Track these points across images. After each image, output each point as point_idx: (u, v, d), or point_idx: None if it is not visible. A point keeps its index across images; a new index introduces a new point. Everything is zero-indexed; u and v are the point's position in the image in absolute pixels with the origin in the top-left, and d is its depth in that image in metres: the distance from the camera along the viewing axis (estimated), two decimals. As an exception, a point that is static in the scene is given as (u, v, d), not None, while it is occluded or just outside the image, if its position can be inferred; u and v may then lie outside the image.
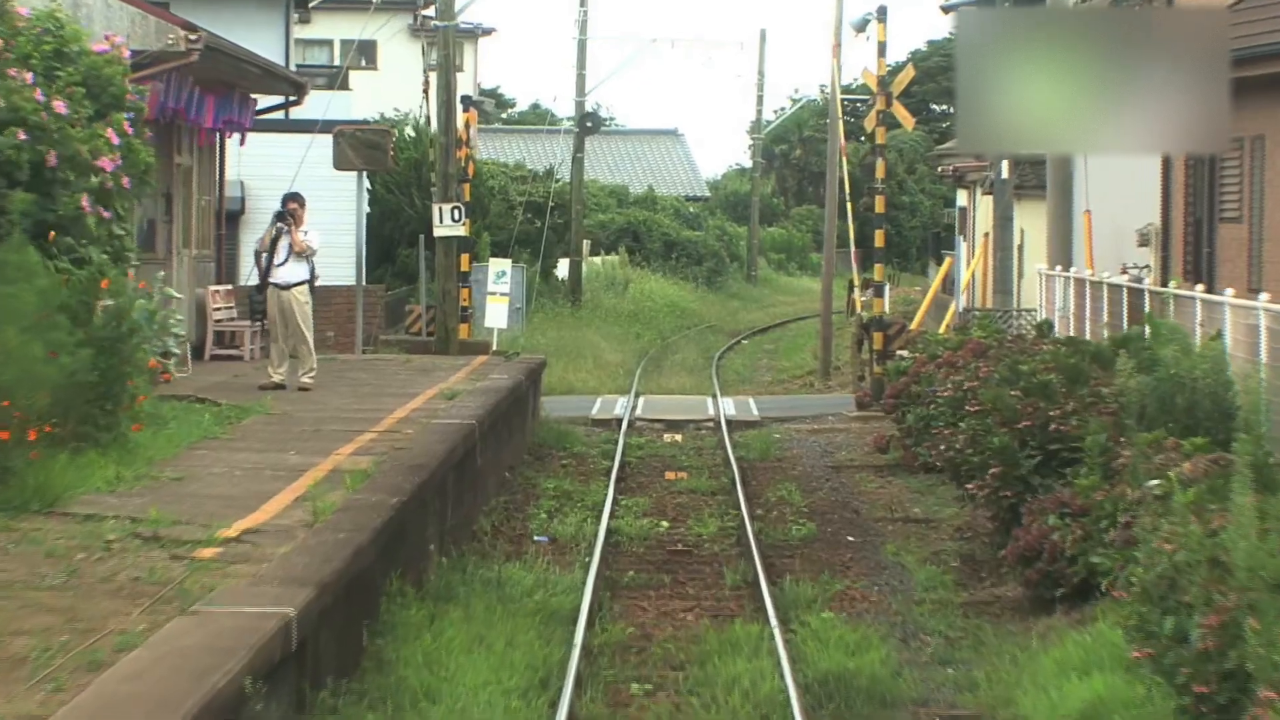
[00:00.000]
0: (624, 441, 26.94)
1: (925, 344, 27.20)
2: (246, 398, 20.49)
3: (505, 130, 77.97)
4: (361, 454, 16.10)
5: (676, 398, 34.06)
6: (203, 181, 26.70)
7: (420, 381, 23.45)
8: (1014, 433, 17.90)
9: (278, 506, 13.10)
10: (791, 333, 54.68)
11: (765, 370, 42.34)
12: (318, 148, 29.43)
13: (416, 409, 20.05)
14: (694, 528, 20.16)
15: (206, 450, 16.03)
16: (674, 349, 45.84)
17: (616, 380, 36.20)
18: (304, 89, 27.21)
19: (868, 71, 30.74)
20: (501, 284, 34.12)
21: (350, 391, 22.06)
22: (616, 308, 51.01)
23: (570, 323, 44.13)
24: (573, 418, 29.97)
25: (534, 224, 48.23)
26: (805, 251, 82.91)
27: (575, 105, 49.21)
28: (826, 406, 32.18)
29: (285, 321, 21.86)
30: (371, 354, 28.49)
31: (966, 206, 40.14)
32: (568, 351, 38.36)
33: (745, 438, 28.07)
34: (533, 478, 23.19)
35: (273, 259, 21.92)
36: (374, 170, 28.31)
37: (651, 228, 64.73)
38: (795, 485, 23.26)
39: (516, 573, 16.54)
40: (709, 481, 23.58)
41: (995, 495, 17.82)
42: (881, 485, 23.79)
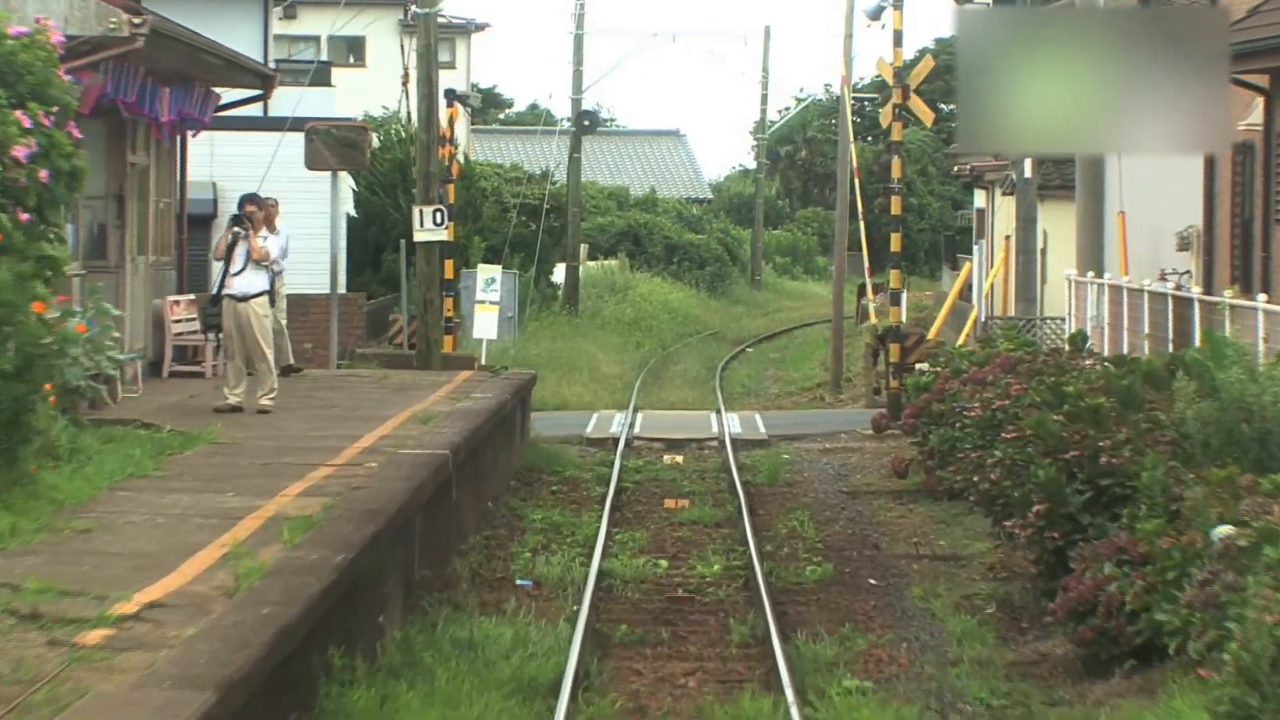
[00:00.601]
0: (620, 464, 24.81)
1: (947, 358, 25.05)
2: (197, 422, 18.35)
3: (502, 131, 75.78)
4: (312, 494, 13.95)
5: (677, 413, 31.90)
6: (161, 182, 24.54)
7: (395, 402, 21.30)
8: (1060, 464, 15.76)
9: (197, 568, 10.95)
10: (798, 340, 52.46)
11: (772, 381, 40.11)
12: (291, 146, 27.26)
13: (385, 436, 17.89)
14: (696, 567, 18.03)
15: (131, 492, 13.86)
16: (675, 359, 43.59)
17: (614, 394, 34.04)
18: (272, 82, 25.06)
19: (882, 62, 28.57)
20: (491, 292, 31.98)
21: (314, 415, 19.90)
22: (615, 315, 48.82)
23: (566, 332, 41.87)
24: (566, 437, 27.83)
25: (529, 227, 46.10)
26: (811, 255, 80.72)
27: (572, 103, 46.97)
28: (838, 423, 30.02)
29: (242, 337, 19.72)
30: (347, 369, 26.34)
31: (985, 208, 37.97)
32: (562, 363, 36.17)
33: (752, 459, 25.93)
34: (519, 508, 21.04)
35: (228, 268, 19.77)
36: (350, 170, 26.17)
37: (652, 231, 62.51)
38: (807, 515, 21.12)
39: (493, 629, 14.41)
40: (713, 511, 21.42)
41: (1039, 536, 15.67)
42: (902, 514, 21.64)
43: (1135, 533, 13.92)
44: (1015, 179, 33.92)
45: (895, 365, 28.28)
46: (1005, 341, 25.11)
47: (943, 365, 24.96)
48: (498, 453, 21.62)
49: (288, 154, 27.61)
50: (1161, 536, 13.44)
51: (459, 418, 19.47)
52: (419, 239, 25.67)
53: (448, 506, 16.88)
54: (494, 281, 31.87)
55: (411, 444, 17.12)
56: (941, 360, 25.20)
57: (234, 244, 19.73)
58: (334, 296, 25.96)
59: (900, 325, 28.55)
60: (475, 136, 73.38)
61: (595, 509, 21.20)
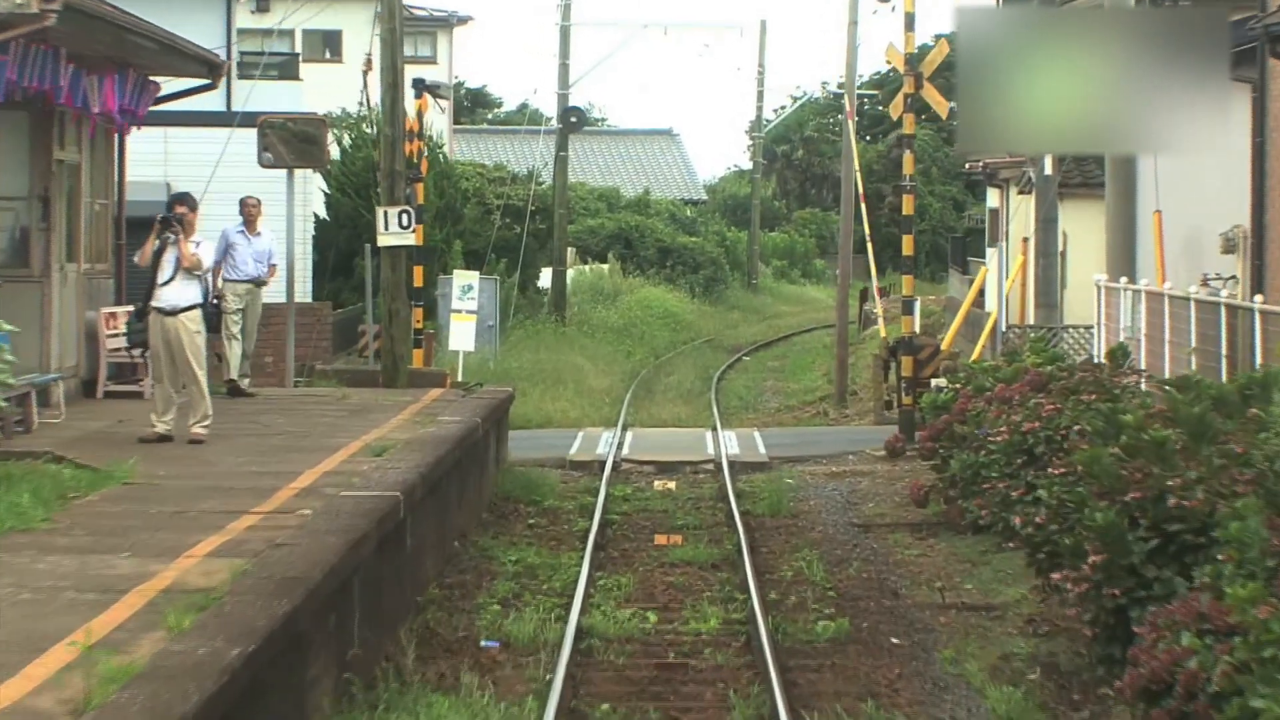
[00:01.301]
0: (606, 491, 22.40)
1: (968, 373, 22.62)
2: (116, 455, 15.93)
3: (488, 131, 73.27)
4: (224, 554, 11.53)
5: (670, 431, 29.45)
6: (96, 181, 22.11)
7: (350, 428, 18.86)
8: (1119, 507, 13.34)
9: (46, 669, 8.52)
10: (797, 348, 49.98)
11: (771, 394, 37.60)
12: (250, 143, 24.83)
13: (330, 472, 15.46)
14: (691, 621, 15.60)
15: (4, 554, 11.42)
16: (668, 369, 41.06)
17: (601, 410, 31.58)
18: (220, 70, 22.62)
19: (893, 49, 26.11)
20: (468, 300, 29.55)
21: (254, 444, 17.45)
22: (605, 322, 46.31)
23: (552, 341, 39.34)
24: (547, 459, 25.41)
25: (513, 230, 43.65)
26: (809, 257, 78.26)
27: (557, 99, 44.45)
28: (845, 442, 27.57)
29: (171, 356, 17.29)
30: (305, 386, 23.90)
31: (998, 208, 35.55)
32: (546, 376, 33.69)
33: (752, 485, 23.52)
34: (489, 548, 18.59)
35: (155, 277, 17.34)
36: (308, 168, 23.74)
37: (645, 233, 60.00)
38: (816, 553, 18.70)
39: (446, 711, 11.98)
40: (709, 549, 18.98)
41: (1095, 592, 13.25)
42: (922, 552, 19.21)
43: (1221, 596, 11.51)
44: (1033, 177, 31.52)
45: (908, 380, 25.84)
46: (1032, 355, 22.70)
47: (963, 381, 22.56)
48: (466, 484, 19.19)
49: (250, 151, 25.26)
50: (1258, 604, 11.02)
51: (420, 448, 17.03)
52: (383, 243, 23.26)
53: (399, 557, 14.45)
54: (471, 289, 29.44)
55: (358, 483, 14.68)
56: (961, 376, 22.79)
57: (162, 250, 17.30)
58: (290, 306, 23.54)
59: (913, 336, 26.11)
60: (460, 137, 70.96)
61: (576, 547, 18.80)
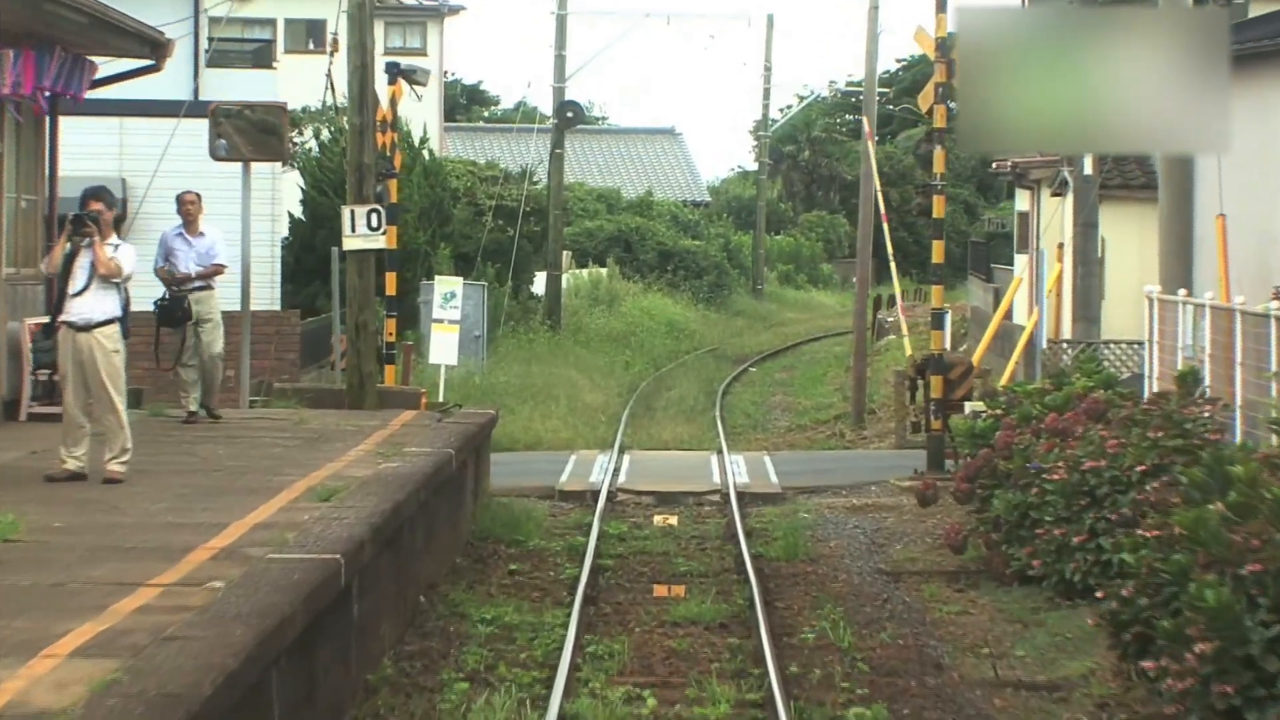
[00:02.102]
0: (599, 529, 19.78)
1: (1010, 397, 19.99)
2: (12, 499, 13.29)
3: (483, 129, 70.50)
4: (94, 653, 8.88)
5: (671, 455, 26.76)
6: (23, 175, 19.49)
7: (300, 461, 16.23)
8: (1233, 583, 10.73)
9: None
10: (806, 358, 47.25)
11: (780, 410, 34.84)
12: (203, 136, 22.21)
13: (263, 523, 12.81)
14: (696, 704, 12.96)
15: None
16: (669, 382, 38.29)
17: (596, 430, 28.89)
18: (165, 50, 19.98)
19: (922, 33, 23.43)
20: (450, 309, 26.91)
21: (181, 484, 14.78)
22: (603, 330, 43.58)
23: (545, 352, 36.58)
24: (534, 488, 22.82)
25: (506, 232, 40.98)
26: (815, 262, 75.56)
27: (553, 92, 41.70)
28: (865, 469, 24.91)
29: (84, 379, 14.65)
30: (262, 407, 21.25)
31: (1028, 211, 32.87)
32: (537, 392, 30.97)
33: (763, 521, 20.92)
34: (461, 602, 15.94)
35: (65, 287, 14.70)
36: (266, 160, 21.11)
37: (645, 236, 57.26)
38: (840, 610, 16.08)
39: None
40: (716, 605, 16.32)
41: (1203, 688, 10.64)
42: (963, 608, 16.54)
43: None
44: (1068, 178, 28.92)
45: (937, 402, 23.17)
46: (1083, 377, 20.08)
47: (1003, 407, 19.94)
48: (436, 527, 16.54)
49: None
50: None
51: (377, 489, 14.38)
52: (349, 247, 20.63)
53: (341, 631, 11.81)
54: (454, 296, 26.79)
55: (293, 540, 12.03)
56: (1002, 400, 20.16)
57: (74, 255, 14.66)
58: (245, 315, 20.88)
59: (943, 353, 23.39)
60: (452, 135, 68.27)
61: (563, 600, 16.20)
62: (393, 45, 52.62)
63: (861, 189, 34.50)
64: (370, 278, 20.83)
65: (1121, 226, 29.72)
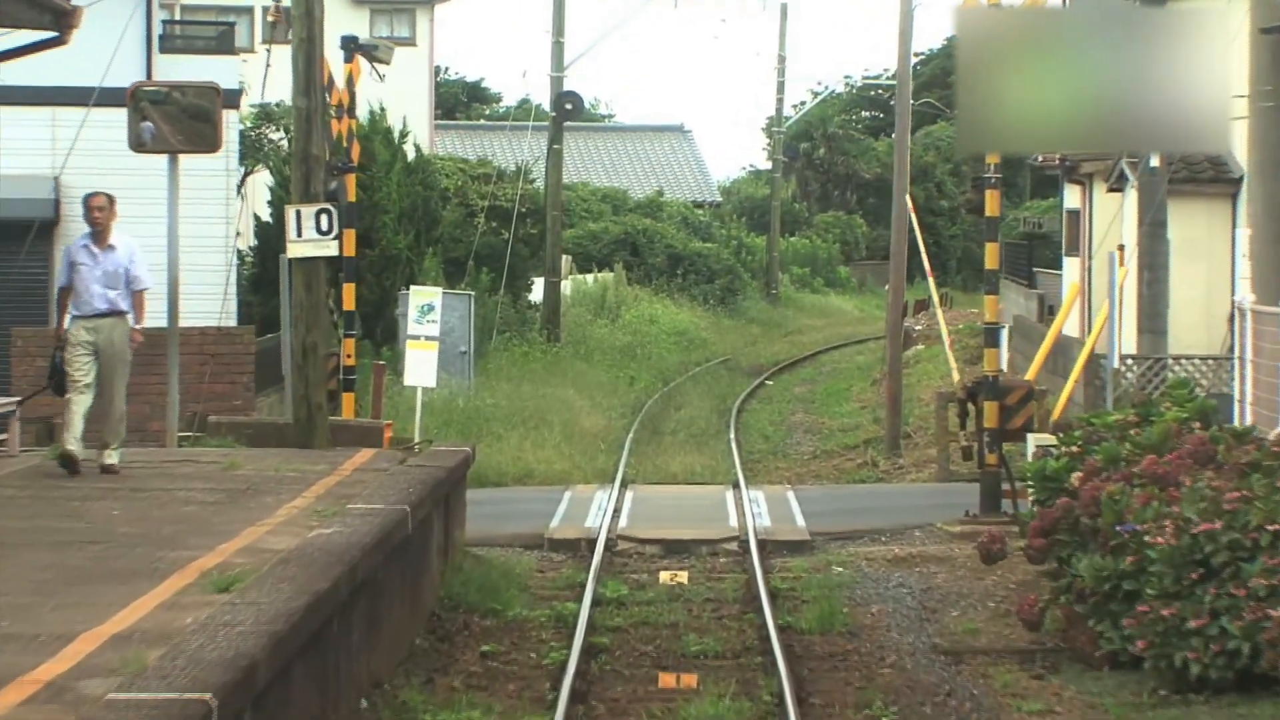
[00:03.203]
0: (594, 590, 16.47)
1: (1089, 432, 16.58)
2: None
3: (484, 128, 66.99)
4: None
5: (681, 491, 23.35)
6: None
7: (211, 526, 12.88)
8: None
9: None
10: (827, 370, 43.77)
11: (802, 432, 31.33)
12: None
13: (125, 632, 9.48)
14: None
15: None
16: (678, 399, 34.77)
17: (595, 460, 25.45)
18: (70, 20, 16.65)
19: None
20: (428, 323, 23.57)
21: (44, 564, 11.42)
22: (606, 341, 40.13)
23: (540, 368, 33.07)
24: (519, 535, 19.53)
25: (501, 235, 37.63)
26: (832, 264, 72.09)
27: (551, 82, 38.22)
28: (906, 508, 21.53)
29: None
30: (193, 445, 17.88)
31: (1079, 208, 29.44)
32: (529, 416, 27.50)
33: (789, 578, 17.60)
34: (414, 707, 12.56)
35: None
36: (197, 152, 17.77)
37: (653, 238, 53.78)
38: (894, 711, 12.74)
39: None
40: (737, 703, 12.96)
41: None
42: (1046, 704, 13.18)
43: None
44: (1128, 171, 25.58)
45: (992, 432, 19.77)
46: (1174, 407, 16.70)
47: (1080, 442, 16.54)
48: (383, 609, 13.19)
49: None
50: None
51: (295, 572, 11.02)
52: (294, 254, 17.32)
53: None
54: (432, 309, 23.41)
55: (155, 663, 8.67)
56: (1078, 435, 16.74)
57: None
58: (172, 334, 17.54)
59: (999, 375, 19.94)
60: (448, 134, 64.94)
61: (544, 698, 12.90)
62: (379, 34, 49.32)
63: (895, 183, 31.13)
64: (320, 290, 17.50)
65: (1187, 226, 26.36)
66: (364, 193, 30.77)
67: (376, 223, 30.37)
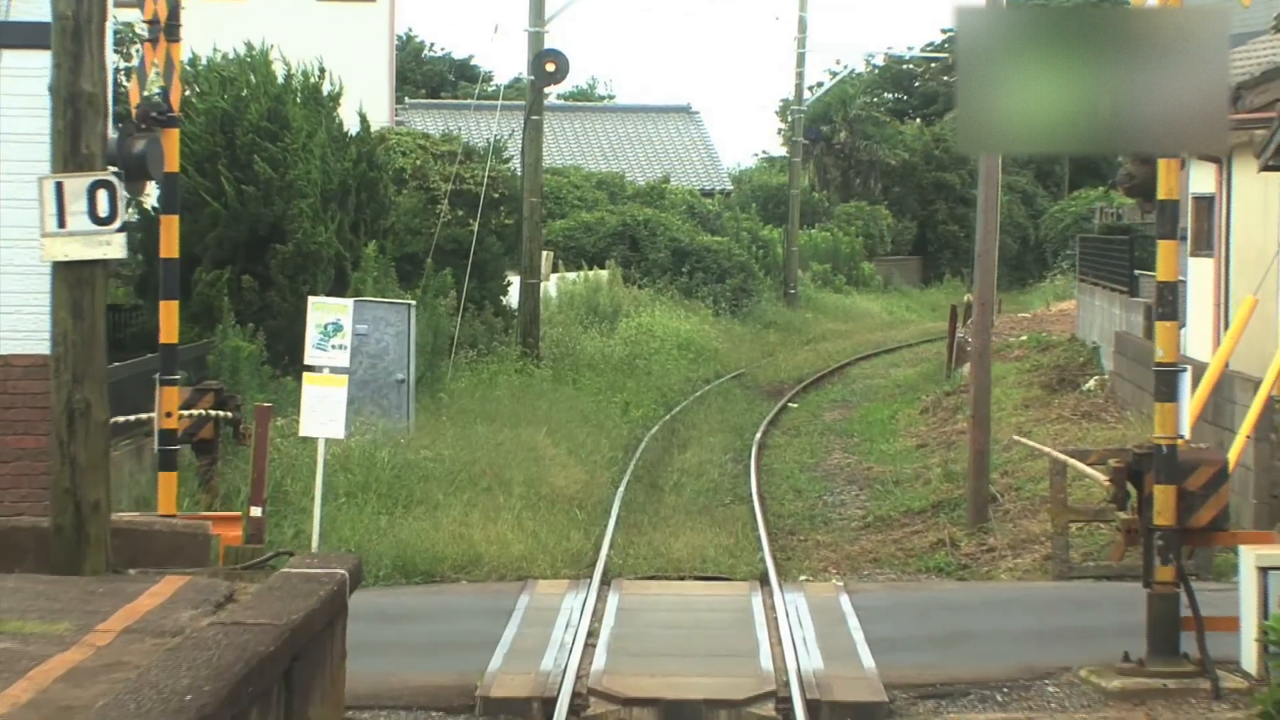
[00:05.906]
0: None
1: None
2: None
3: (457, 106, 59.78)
4: None
5: (686, 594, 16.34)
6: None
7: None
8: None
9: None
10: (861, 388, 36.70)
11: (844, 482, 24.19)
12: None
13: None
14: None
15: None
16: (683, 433, 27.66)
17: (568, 536, 18.42)
18: None
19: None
20: (335, 349, 16.69)
21: None
22: (598, 356, 33.14)
23: (508, 396, 25.87)
24: (439, 689, 12.70)
25: (467, 226, 30.72)
26: (855, 260, 65.02)
27: (529, 39, 31.12)
28: (1016, 631, 14.62)
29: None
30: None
31: (1215, 194, 22.62)
32: (482, 473, 20.35)
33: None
34: None
35: None
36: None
37: (655, 231, 46.81)
38: None
39: None
40: None
41: None
42: None
43: None
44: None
45: (1168, 532, 12.84)
46: None
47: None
48: None
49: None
50: None
51: None
52: (51, 255, 10.57)
53: None
54: (340, 329, 16.58)
55: None
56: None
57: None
58: None
59: (1178, 444, 12.97)
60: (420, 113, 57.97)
61: None
62: (327, -14, 42.61)
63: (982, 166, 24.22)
64: (96, 316, 10.67)
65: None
66: (274, 170, 23.87)
67: (290, 209, 23.50)
